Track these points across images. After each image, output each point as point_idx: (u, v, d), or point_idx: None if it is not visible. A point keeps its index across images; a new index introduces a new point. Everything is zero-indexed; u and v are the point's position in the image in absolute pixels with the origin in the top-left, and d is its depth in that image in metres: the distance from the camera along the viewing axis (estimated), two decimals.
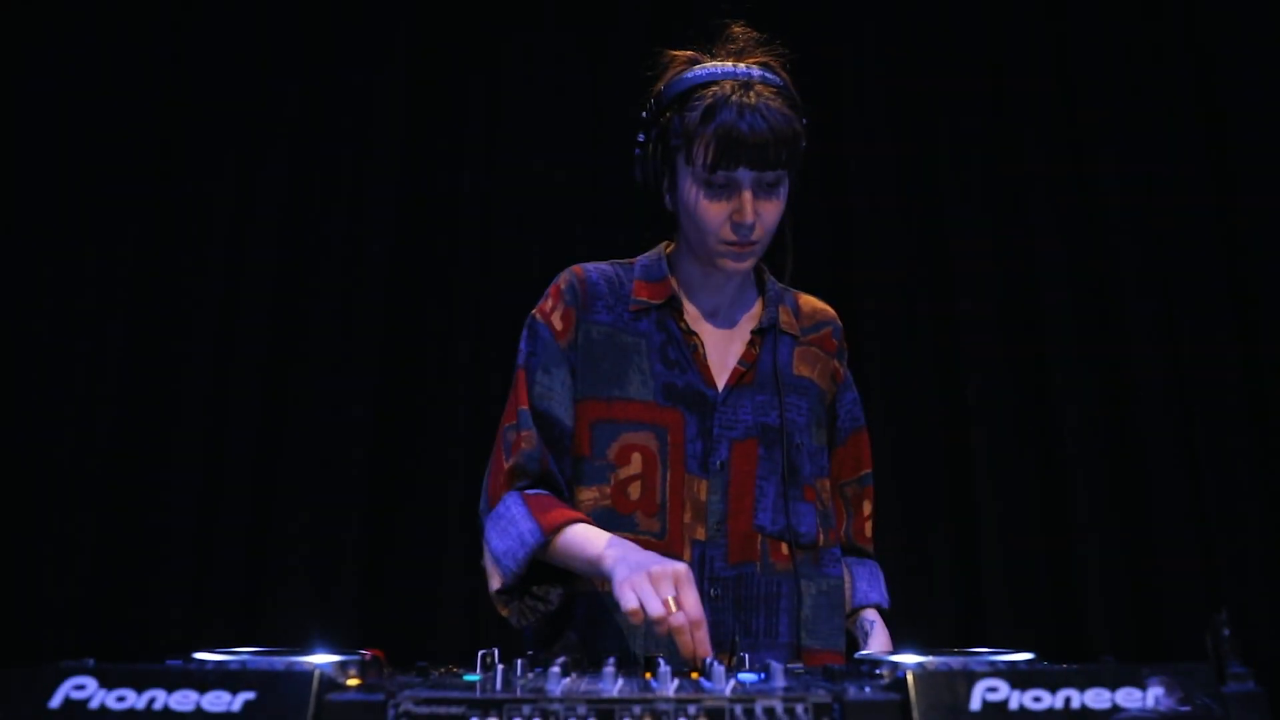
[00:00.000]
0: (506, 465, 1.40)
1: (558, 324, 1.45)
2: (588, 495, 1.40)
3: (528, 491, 1.37)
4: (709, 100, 1.33)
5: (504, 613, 1.37)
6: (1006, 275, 2.98)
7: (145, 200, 2.88)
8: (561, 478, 1.40)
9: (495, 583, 1.35)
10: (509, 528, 1.33)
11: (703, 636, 1.10)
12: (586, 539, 1.27)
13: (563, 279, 1.49)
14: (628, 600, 1.12)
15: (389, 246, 2.93)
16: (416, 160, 3.00)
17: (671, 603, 1.11)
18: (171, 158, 2.93)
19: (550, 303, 1.47)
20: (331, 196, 2.97)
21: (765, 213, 1.37)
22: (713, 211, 1.37)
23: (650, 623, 1.11)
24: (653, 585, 1.12)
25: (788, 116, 1.33)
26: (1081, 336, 2.92)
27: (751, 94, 1.32)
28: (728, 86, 1.33)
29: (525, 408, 1.41)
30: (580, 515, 1.33)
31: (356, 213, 2.96)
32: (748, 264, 1.42)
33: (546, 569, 1.34)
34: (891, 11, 3.12)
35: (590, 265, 1.52)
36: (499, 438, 1.44)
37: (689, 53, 1.42)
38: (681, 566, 1.15)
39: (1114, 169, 2.98)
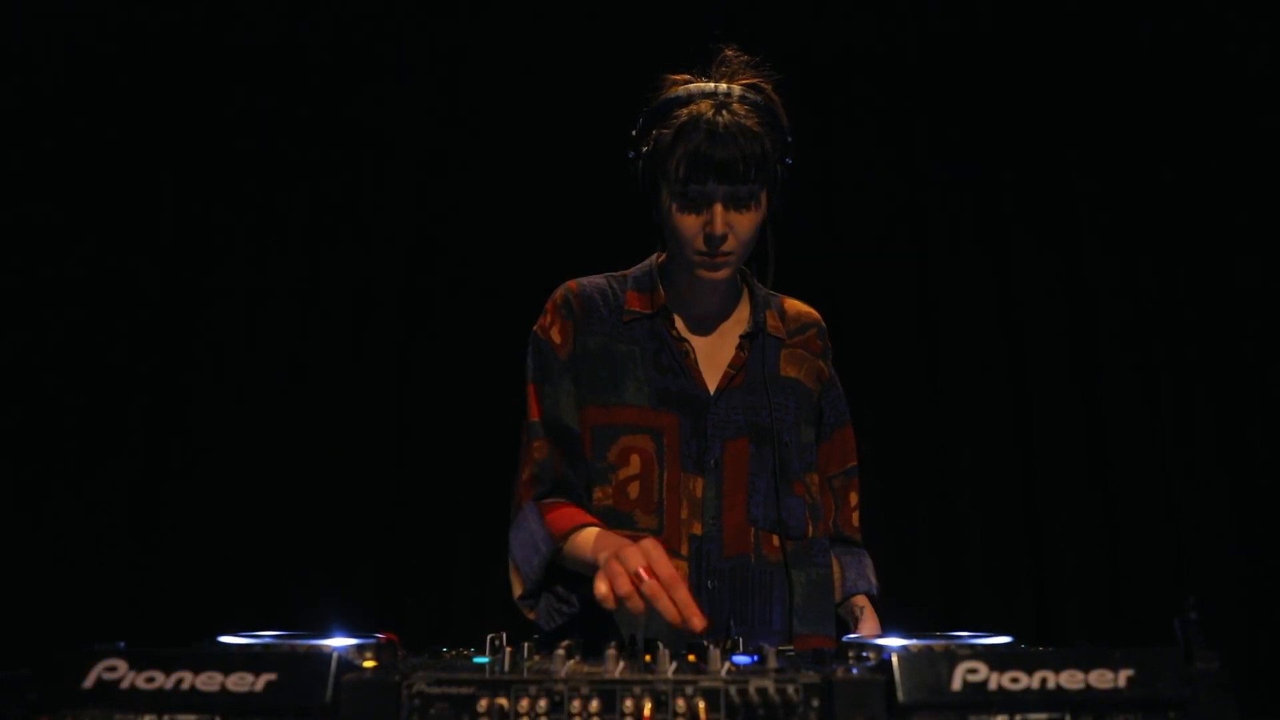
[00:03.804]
0: (524, 475, 1.42)
1: (556, 337, 1.46)
2: (594, 496, 1.41)
3: (545, 500, 1.38)
4: (683, 118, 1.34)
5: (531, 616, 1.36)
6: (982, 264, 2.98)
7: (169, 213, 2.88)
8: (578, 481, 1.41)
9: (517, 589, 1.36)
10: (527, 537, 1.35)
11: (684, 597, 1.03)
12: (587, 543, 1.26)
13: (558, 294, 1.50)
14: (598, 587, 1.07)
15: (407, 248, 2.95)
16: (430, 168, 3.00)
17: (643, 572, 1.05)
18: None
19: (548, 318, 1.48)
20: (350, 207, 2.97)
21: (738, 225, 1.36)
22: (687, 223, 1.37)
23: (622, 600, 1.05)
24: (621, 565, 1.07)
25: (757, 134, 1.32)
26: (1057, 327, 2.92)
27: (725, 113, 1.32)
28: (703, 105, 1.34)
29: (535, 419, 1.43)
30: (590, 520, 1.31)
31: (370, 228, 2.96)
32: (723, 273, 1.41)
33: (569, 573, 1.32)
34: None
35: (584, 279, 1.52)
36: (520, 449, 1.45)
37: (685, 76, 1.42)
38: (648, 539, 1.10)
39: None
